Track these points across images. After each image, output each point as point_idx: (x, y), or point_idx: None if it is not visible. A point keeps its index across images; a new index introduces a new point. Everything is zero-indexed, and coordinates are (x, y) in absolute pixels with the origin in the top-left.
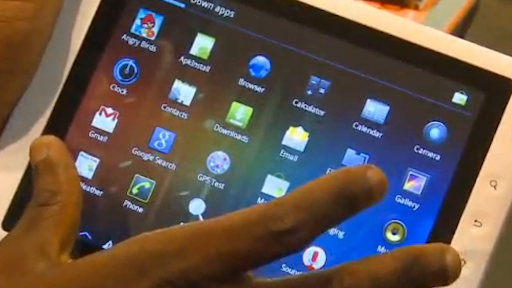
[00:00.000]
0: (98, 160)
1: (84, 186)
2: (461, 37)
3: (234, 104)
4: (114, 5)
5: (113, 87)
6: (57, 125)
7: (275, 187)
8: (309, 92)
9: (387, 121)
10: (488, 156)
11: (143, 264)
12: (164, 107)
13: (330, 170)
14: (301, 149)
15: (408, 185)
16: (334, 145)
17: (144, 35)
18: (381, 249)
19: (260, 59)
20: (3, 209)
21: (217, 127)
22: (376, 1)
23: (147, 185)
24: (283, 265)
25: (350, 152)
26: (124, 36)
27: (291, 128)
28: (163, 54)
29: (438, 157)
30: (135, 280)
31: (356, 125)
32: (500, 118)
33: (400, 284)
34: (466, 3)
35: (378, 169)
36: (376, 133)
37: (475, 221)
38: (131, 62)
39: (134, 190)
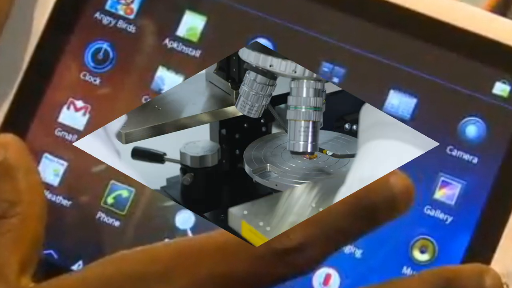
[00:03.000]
0: (65, 164)
1: (48, 195)
2: (504, 15)
3: None
4: None
5: (84, 75)
6: (17, 121)
7: None
8: None
9: (414, 116)
10: None
11: None
12: (146, 99)
13: None
14: None
15: (440, 194)
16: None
17: (121, 12)
18: (406, 270)
19: (261, 42)
20: None
21: None
22: None
23: (125, 193)
24: None
25: None
26: (97, 14)
27: None
28: (144, 36)
29: (475, 160)
30: None
31: None
32: None
33: None
34: None
35: (403, 174)
36: None
37: None
38: (105, 46)
39: (109, 200)
